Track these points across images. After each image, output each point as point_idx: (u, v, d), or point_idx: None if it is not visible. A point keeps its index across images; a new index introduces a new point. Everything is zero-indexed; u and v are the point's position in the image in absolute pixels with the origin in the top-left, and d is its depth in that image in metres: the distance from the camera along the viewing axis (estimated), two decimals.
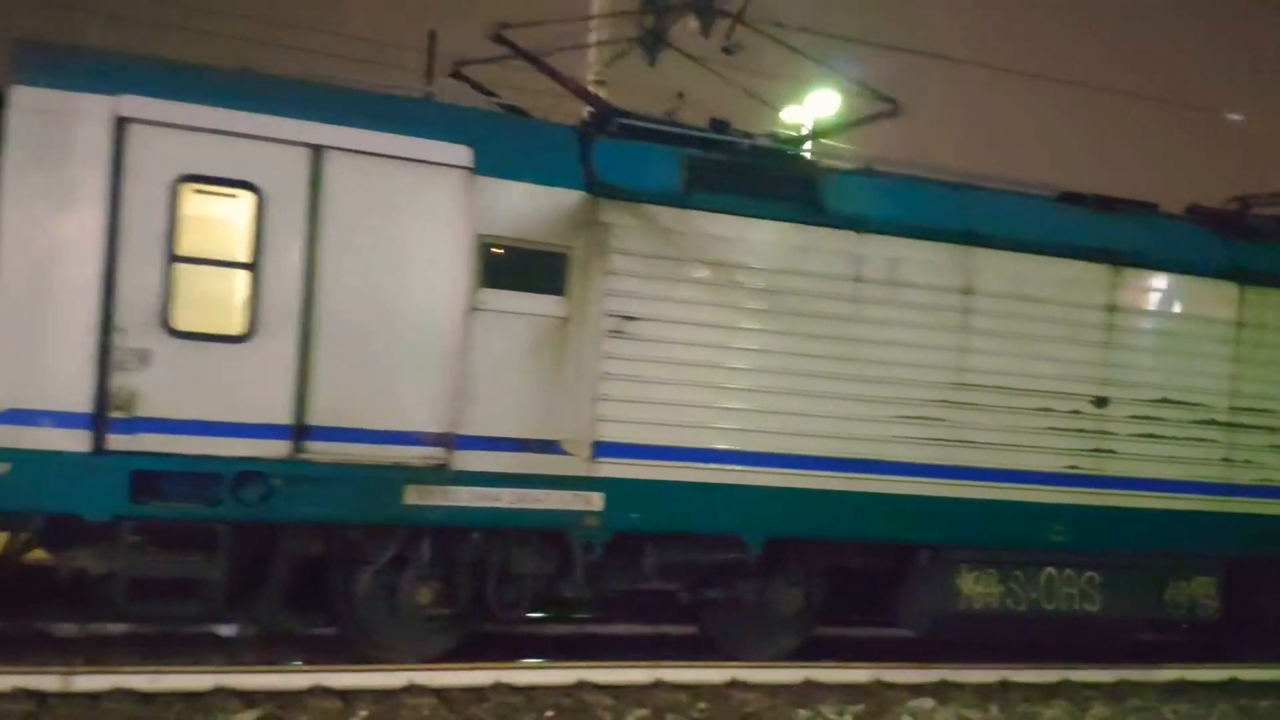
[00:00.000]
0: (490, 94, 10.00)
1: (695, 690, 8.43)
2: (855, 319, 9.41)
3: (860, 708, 8.50)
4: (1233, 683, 10.00)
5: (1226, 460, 10.63)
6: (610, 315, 8.76)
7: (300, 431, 8.06)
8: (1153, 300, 10.53)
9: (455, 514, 8.41)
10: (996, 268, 9.86)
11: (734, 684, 8.67)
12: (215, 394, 7.90)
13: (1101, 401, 10.16)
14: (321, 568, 8.60)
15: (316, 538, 8.41)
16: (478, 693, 7.88)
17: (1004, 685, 9.39)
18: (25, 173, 7.54)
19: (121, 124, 7.67)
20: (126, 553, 7.79)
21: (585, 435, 8.70)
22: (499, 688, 8.00)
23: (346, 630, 8.80)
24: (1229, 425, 10.62)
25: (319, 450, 8.10)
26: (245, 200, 8.04)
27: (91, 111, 7.62)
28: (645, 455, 8.86)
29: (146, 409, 7.71)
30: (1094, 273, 10.18)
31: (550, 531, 8.75)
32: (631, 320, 8.81)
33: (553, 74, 9.81)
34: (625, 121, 9.38)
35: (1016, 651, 9.97)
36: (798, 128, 15.91)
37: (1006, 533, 9.97)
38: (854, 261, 9.43)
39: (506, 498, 8.52)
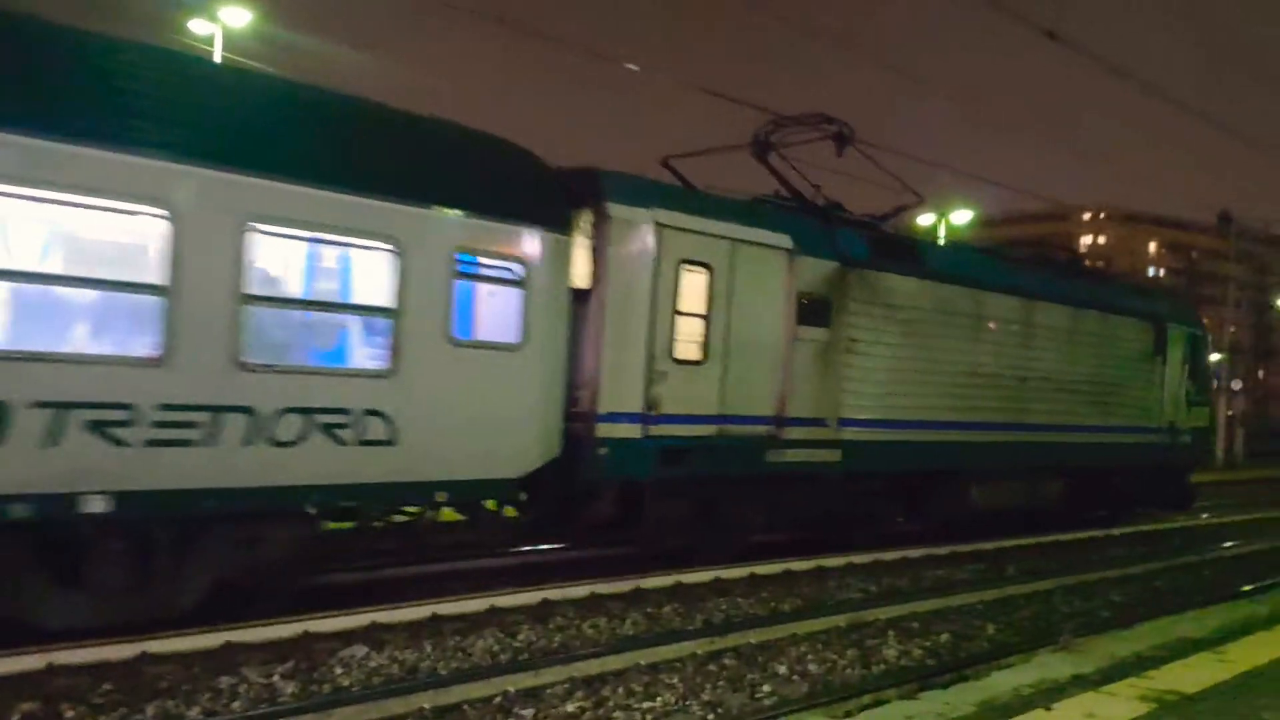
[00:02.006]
0: (688, 184, 14.49)
1: (97, 671, 7.67)
2: (935, 335, 15.67)
3: (289, 665, 8.19)
4: (636, 591, 11.45)
5: (1064, 409, 18.47)
6: (847, 339, 14.23)
7: (722, 419, 12.75)
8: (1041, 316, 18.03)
9: (784, 465, 13.55)
10: (992, 303, 16.76)
11: (143, 657, 7.97)
12: (692, 399, 12.43)
13: (1024, 380, 17.43)
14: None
15: (714, 485, 13.12)
16: None
17: (435, 620, 9.66)
18: (618, 257, 11.72)
19: (658, 228, 12.00)
20: (657, 501, 12.31)
21: (835, 413, 14.16)
22: None
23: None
24: (1064, 391, 18.41)
25: (728, 430, 12.84)
26: (704, 275, 12.56)
27: (645, 220, 11.92)
28: (863, 425, 14.58)
29: (664, 409, 12.10)
30: (1012, 304, 17.25)
31: (816, 471, 14.14)
32: (855, 341, 14.34)
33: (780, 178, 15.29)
34: (841, 215, 14.80)
35: (446, 586, 11.12)
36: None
37: (1000, 460, 17.11)
38: (933, 298, 15.65)
39: (804, 454, 13.80)
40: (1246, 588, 14.35)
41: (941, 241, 20.52)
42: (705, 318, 12.51)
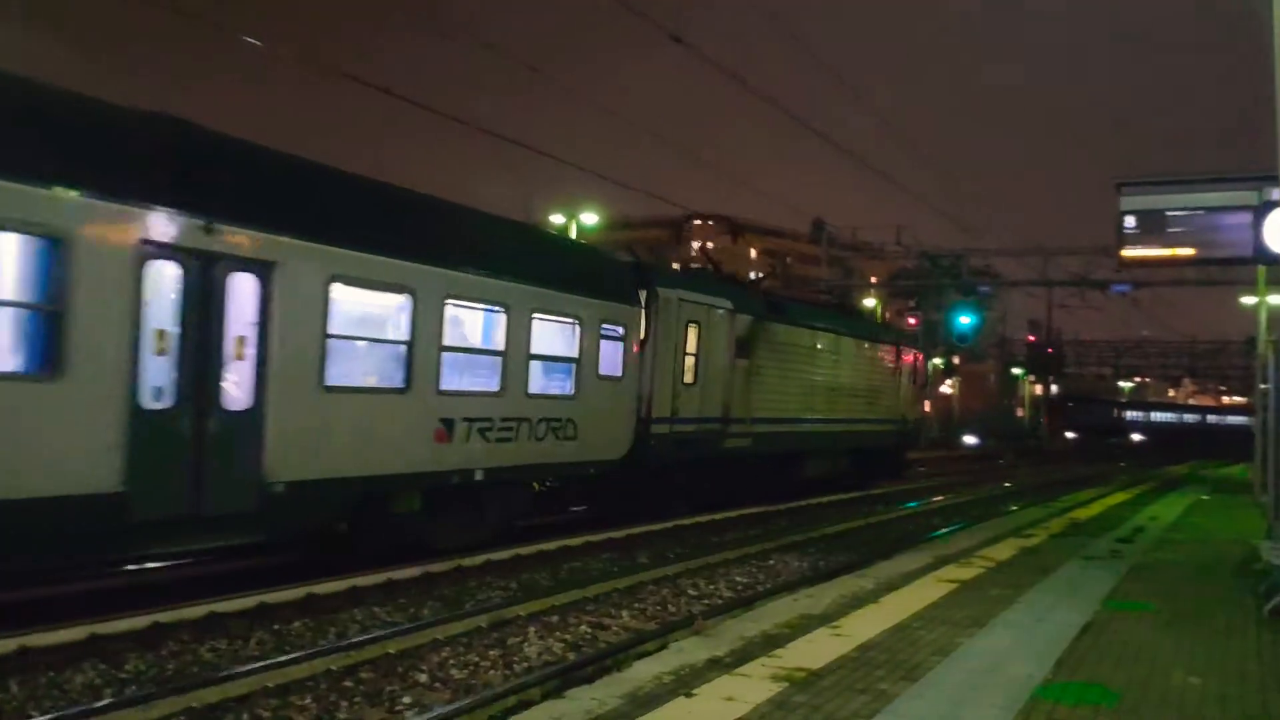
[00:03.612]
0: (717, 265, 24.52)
1: None
2: (793, 361, 23.35)
3: None
4: (260, 607, 10.36)
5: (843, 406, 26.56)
6: (757, 365, 21.86)
7: (701, 420, 19.68)
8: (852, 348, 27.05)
9: (727, 449, 20.57)
10: (817, 338, 24.71)
11: None
12: (689, 407, 19.13)
13: (832, 388, 25.46)
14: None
15: (695, 462, 20.12)
16: None
17: (23, 653, 8.34)
18: (660, 320, 18.18)
19: (680, 301, 18.65)
20: (672, 472, 19.64)
21: (750, 413, 21.47)
22: None
23: None
24: (851, 395, 26.64)
25: (704, 427, 19.74)
26: (696, 328, 19.27)
27: (674, 297, 18.59)
28: (763, 422, 22.14)
29: (679, 414, 18.61)
30: (827, 337, 25.43)
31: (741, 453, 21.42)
32: (760, 367, 22.00)
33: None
34: (748, 283, 24.29)
35: (45, 614, 9.29)
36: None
37: (822, 444, 25.05)
38: (791, 337, 23.40)
39: (737, 440, 20.84)
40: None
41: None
42: (695, 355, 19.30)
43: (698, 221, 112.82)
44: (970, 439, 64.59)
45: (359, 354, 12.27)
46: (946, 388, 73.33)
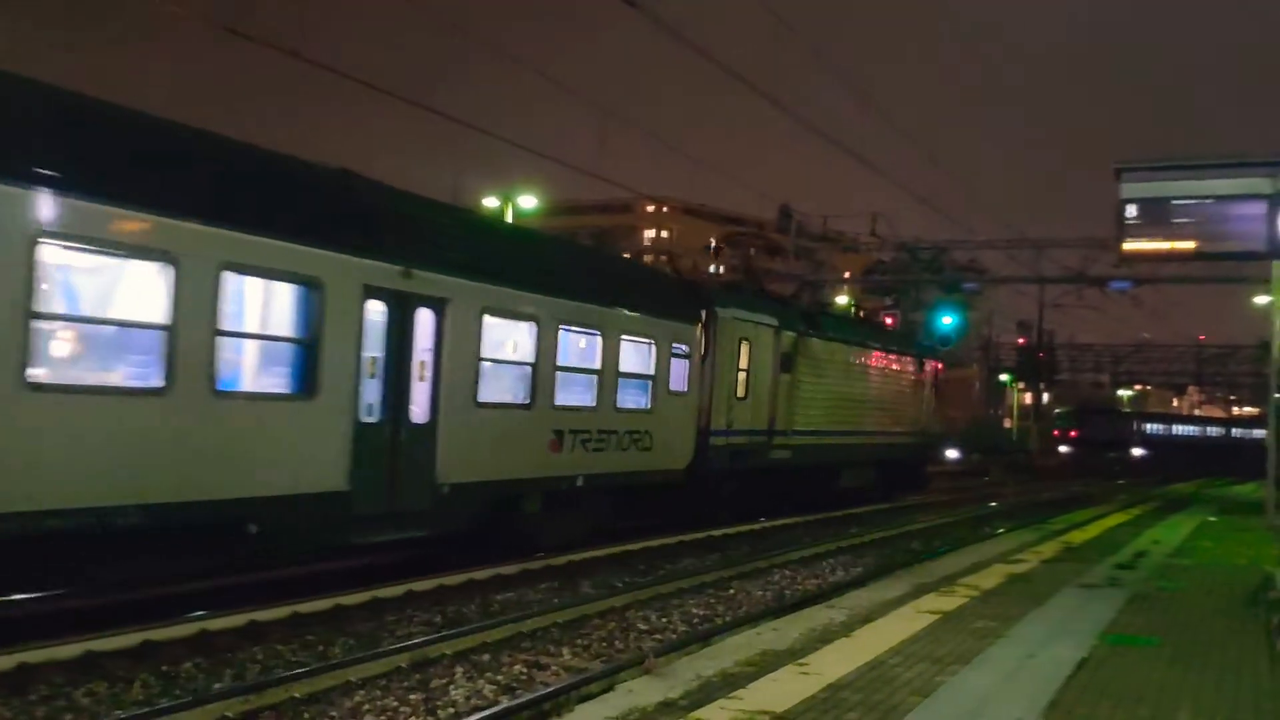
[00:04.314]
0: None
1: None
2: (828, 375, 27.33)
3: None
4: (145, 645, 10.16)
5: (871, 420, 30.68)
6: (798, 379, 25.70)
7: (750, 431, 23.64)
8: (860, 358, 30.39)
9: (771, 459, 24.41)
10: (850, 351, 28.96)
11: None
12: (740, 420, 22.88)
13: (862, 401, 29.66)
14: None
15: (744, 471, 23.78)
16: None
17: None
18: (718, 338, 21.78)
19: (734, 320, 22.41)
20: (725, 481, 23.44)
21: (791, 425, 25.15)
22: None
23: None
24: (879, 408, 31.00)
25: (753, 438, 23.71)
26: (747, 345, 22.95)
27: (729, 316, 22.31)
28: (803, 434, 26.14)
29: (732, 426, 22.31)
30: (857, 350, 29.87)
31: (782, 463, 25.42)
32: (800, 381, 25.79)
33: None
34: (788, 300, 30.43)
35: None
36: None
37: (854, 456, 29.51)
38: (828, 351, 27.47)
39: (780, 452, 24.69)
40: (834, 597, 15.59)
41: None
42: (746, 370, 22.87)
43: (650, 208, 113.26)
44: (952, 453, 65.40)
45: (499, 375, 15.70)
46: None
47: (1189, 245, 23.06)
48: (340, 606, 12.39)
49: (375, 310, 13.15)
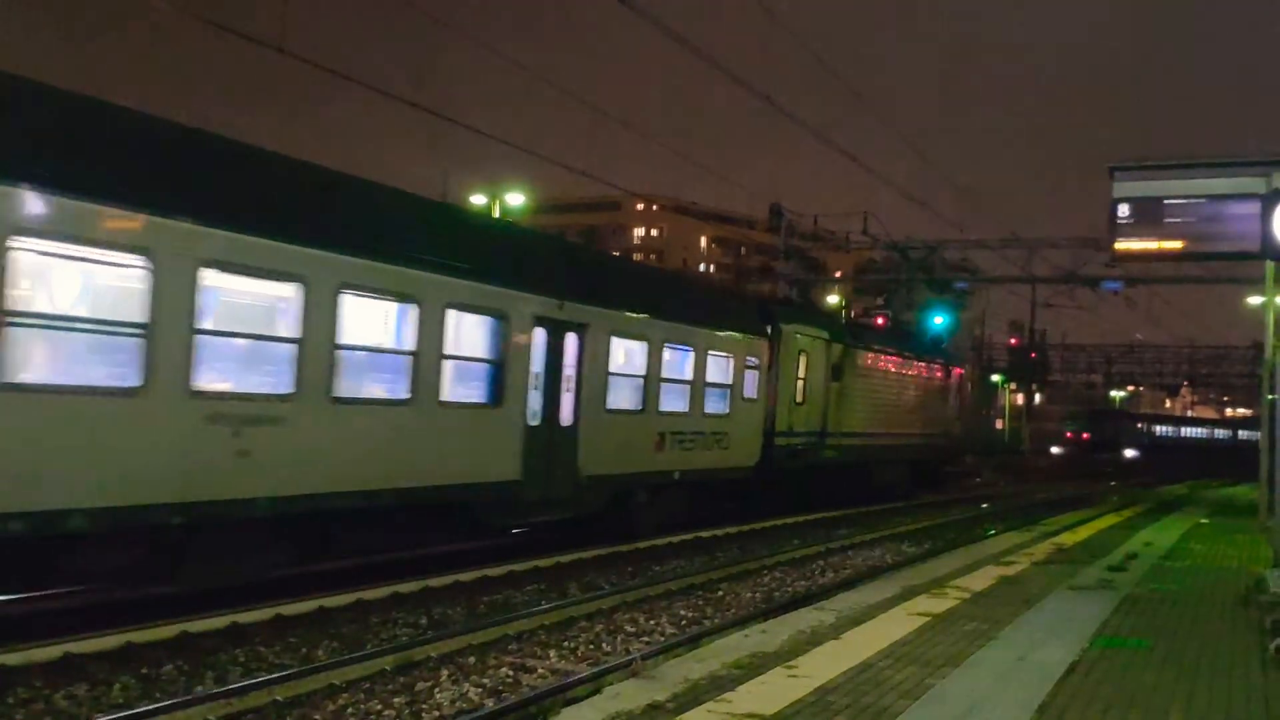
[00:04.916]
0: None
1: None
2: (869, 380, 30.97)
3: None
4: (126, 648, 10.24)
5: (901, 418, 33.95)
6: (846, 386, 29.29)
7: (806, 433, 26.90)
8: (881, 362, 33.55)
9: (823, 458, 27.81)
10: (886, 358, 32.62)
11: None
12: (798, 423, 26.19)
13: (895, 404, 33.03)
14: None
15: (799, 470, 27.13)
16: None
17: None
18: (781, 350, 25.08)
19: (795, 334, 25.93)
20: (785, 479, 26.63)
21: (839, 428, 28.57)
22: None
23: None
24: (910, 411, 34.62)
25: (809, 440, 26.87)
26: (805, 356, 26.40)
27: (791, 331, 25.73)
28: (848, 435, 29.88)
29: (793, 429, 25.88)
30: (892, 357, 33.91)
31: (832, 462, 28.92)
32: (847, 387, 29.27)
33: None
34: (834, 313, 33.41)
35: None
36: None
37: (888, 455, 32.81)
38: (868, 358, 31.47)
39: (830, 451, 28.15)
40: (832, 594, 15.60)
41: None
42: (804, 379, 26.29)
43: (640, 206, 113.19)
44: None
45: (621, 385, 18.99)
46: None
47: (1181, 245, 23.07)
48: (324, 609, 12.35)
49: (539, 335, 16.57)
